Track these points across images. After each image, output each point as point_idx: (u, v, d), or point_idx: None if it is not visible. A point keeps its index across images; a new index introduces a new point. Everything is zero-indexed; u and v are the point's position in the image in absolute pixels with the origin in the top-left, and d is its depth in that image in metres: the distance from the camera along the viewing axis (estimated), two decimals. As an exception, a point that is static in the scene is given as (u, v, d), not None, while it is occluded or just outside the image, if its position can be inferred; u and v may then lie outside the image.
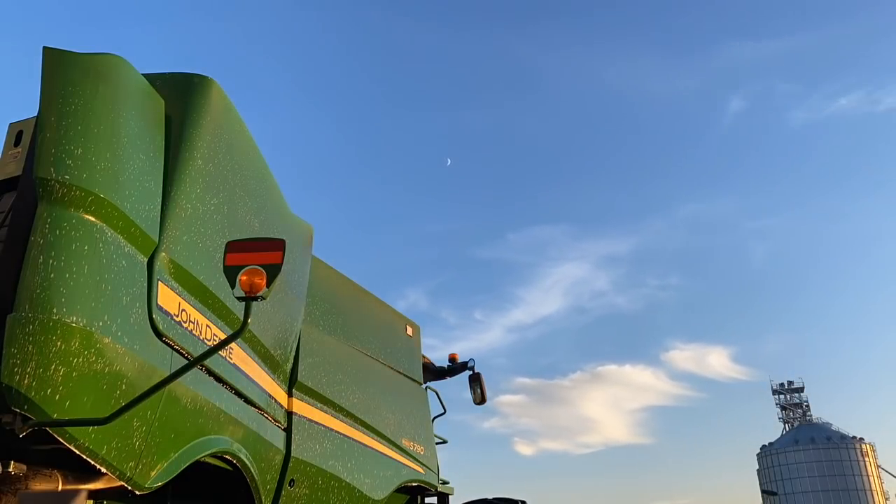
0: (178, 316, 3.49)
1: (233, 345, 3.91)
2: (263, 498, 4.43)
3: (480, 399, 8.74)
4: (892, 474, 63.96)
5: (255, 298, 2.84)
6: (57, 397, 2.72)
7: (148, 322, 3.26)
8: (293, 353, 5.02)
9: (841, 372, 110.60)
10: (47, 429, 2.76)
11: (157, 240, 3.42)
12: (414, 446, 6.76)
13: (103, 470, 3.05)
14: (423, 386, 7.58)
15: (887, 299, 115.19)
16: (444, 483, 7.57)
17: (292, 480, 4.80)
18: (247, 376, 4.17)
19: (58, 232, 2.90)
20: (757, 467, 68.72)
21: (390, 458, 6.28)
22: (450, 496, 7.72)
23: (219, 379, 3.83)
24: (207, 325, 3.76)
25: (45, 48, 3.18)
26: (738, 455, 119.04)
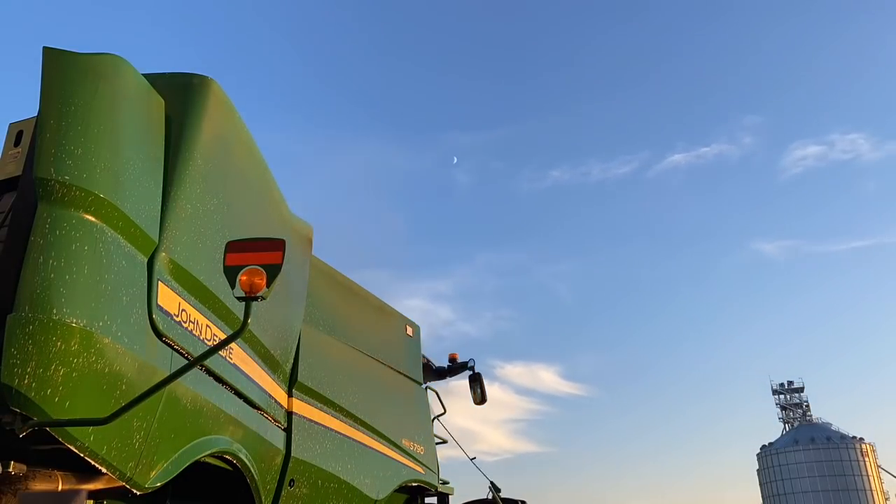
0: (178, 316, 3.49)
1: (233, 345, 3.91)
2: (263, 498, 4.43)
3: (480, 399, 8.73)
4: (892, 474, 64.03)
5: (255, 298, 2.83)
6: (57, 397, 2.72)
7: (148, 322, 3.26)
8: (293, 353, 5.01)
9: (841, 372, 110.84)
10: (47, 429, 2.76)
11: (157, 240, 3.42)
12: (414, 446, 6.76)
13: (103, 470, 3.05)
14: (423, 386, 7.58)
15: (887, 298, 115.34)
16: (444, 483, 7.57)
17: (292, 480, 4.80)
18: (247, 376, 4.17)
19: (58, 232, 2.90)
20: (757, 467, 68.74)
21: (390, 458, 6.28)
22: (450, 496, 7.72)
23: (219, 379, 3.83)
24: (207, 326, 3.76)
25: (44, 48, 3.18)
26: (737, 455, 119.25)
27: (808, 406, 70.06)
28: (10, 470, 2.94)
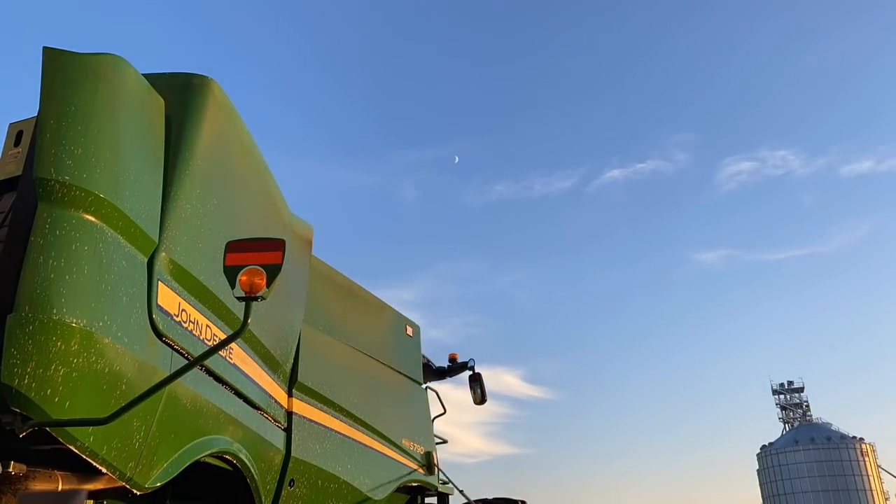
0: (178, 316, 3.49)
1: (233, 345, 3.91)
2: (263, 498, 4.43)
3: (480, 399, 8.74)
4: (892, 474, 64.03)
5: (255, 298, 2.83)
6: (57, 397, 2.72)
7: (148, 322, 3.26)
8: (293, 353, 5.01)
9: (841, 372, 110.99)
10: (47, 429, 2.76)
11: (157, 240, 3.41)
12: (414, 446, 6.76)
13: (103, 470, 3.05)
14: (423, 386, 7.58)
15: (887, 299, 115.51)
16: (444, 483, 7.57)
17: (292, 480, 4.80)
18: (247, 376, 4.17)
19: (58, 232, 2.89)
20: (757, 467, 68.75)
21: (390, 458, 6.28)
22: (450, 496, 7.72)
23: (219, 379, 3.83)
24: (207, 326, 3.76)
25: (44, 48, 3.18)
26: (737, 455, 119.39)
27: (808, 406, 70.09)
28: (10, 470, 2.93)
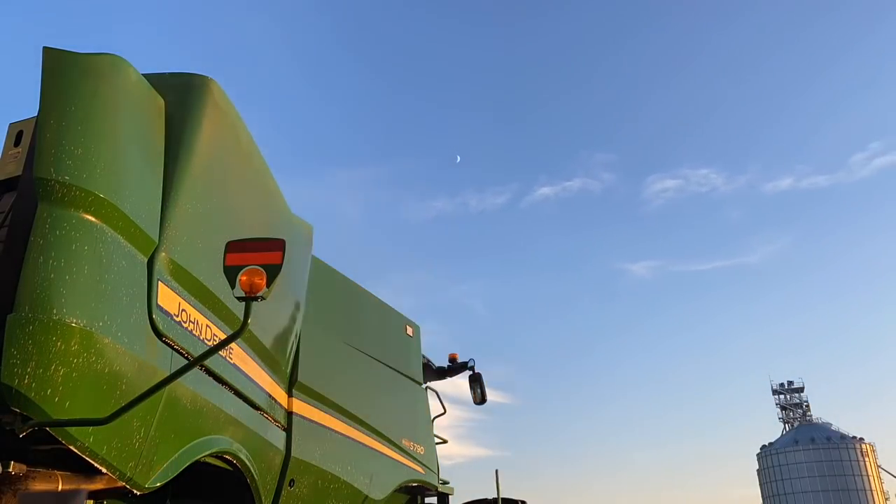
0: (178, 316, 3.49)
1: (233, 345, 3.91)
2: (263, 498, 4.43)
3: (481, 399, 8.74)
4: (892, 474, 64.02)
5: (255, 298, 2.83)
6: (57, 397, 2.72)
7: (148, 322, 3.26)
8: (293, 354, 5.01)
9: (841, 372, 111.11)
10: (47, 429, 2.76)
11: (157, 240, 3.41)
12: (414, 446, 6.76)
13: (103, 470, 3.05)
14: (423, 386, 7.58)
15: (886, 299, 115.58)
16: (444, 483, 7.57)
17: (292, 480, 4.80)
18: (247, 376, 4.17)
19: (58, 232, 2.89)
20: (757, 467, 68.74)
21: (390, 458, 6.28)
22: (450, 496, 7.72)
23: (219, 379, 3.83)
24: (207, 326, 3.76)
25: (45, 48, 3.18)
26: (738, 455, 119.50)
27: (808, 406, 70.08)
28: (11, 470, 2.93)
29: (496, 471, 7.81)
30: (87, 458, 2.93)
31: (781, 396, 71.45)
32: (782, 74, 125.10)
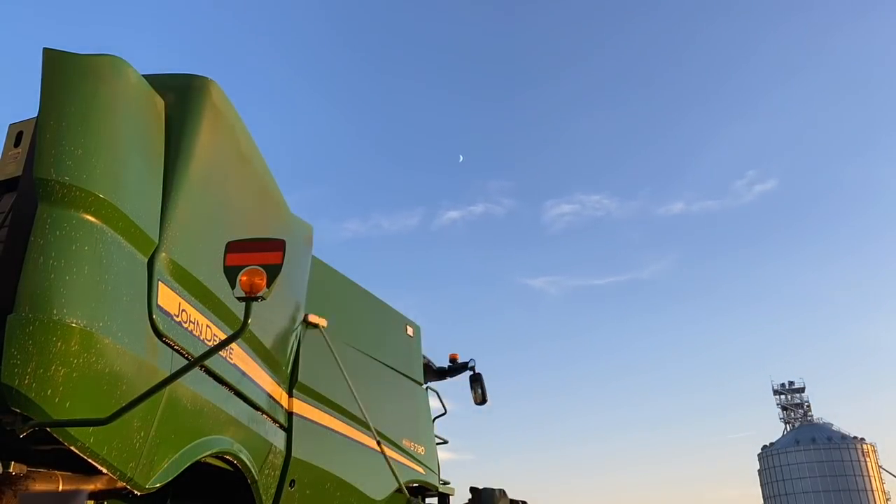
0: (178, 316, 3.49)
1: (233, 345, 3.91)
2: (264, 498, 4.43)
3: (481, 399, 8.74)
4: (892, 474, 63.97)
5: (256, 299, 2.83)
6: (57, 398, 2.72)
7: (148, 322, 3.26)
8: (293, 354, 5.02)
9: (841, 372, 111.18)
10: (48, 429, 2.76)
11: (157, 240, 3.41)
12: (414, 447, 6.76)
13: (104, 470, 3.05)
14: (424, 386, 7.58)
15: (887, 299, 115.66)
16: (445, 483, 7.57)
17: (293, 481, 4.80)
18: (247, 376, 4.17)
19: (58, 232, 2.89)
20: (758, 467, 68.71)
21: (391, 458, 6.27)
22: (450, 496, 7.72)
23: (219, 379, 3.83)
24: (208, 326, 3.76)
25: (44, 49, 3.18)
26: (739, 455, 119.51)
27: (809, 406, 70.07)
28: (11, 470, 2.94)
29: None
30: (88, 459, 2.93)
31: (782, 397, 71.44)
32: (654, 107, 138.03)
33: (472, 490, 7.73)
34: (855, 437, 64.09)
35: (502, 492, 7.75)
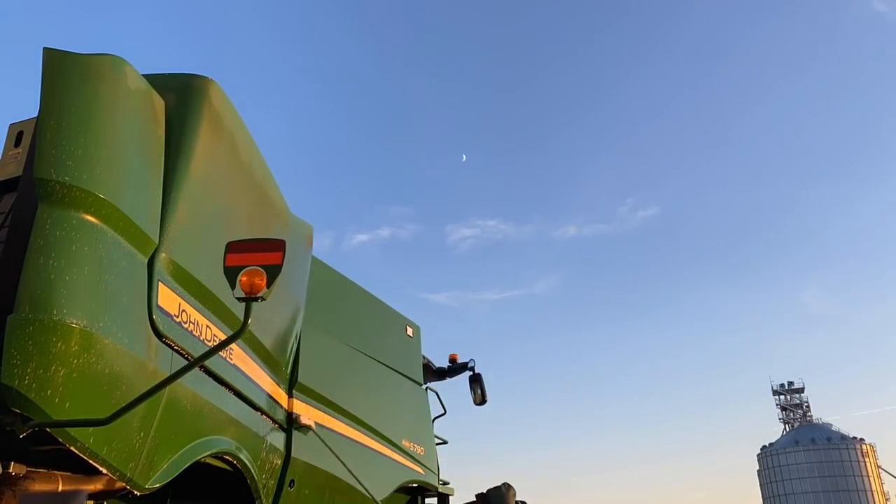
0: (178, 316, 3.49)
1: (233, 345, 3.91)
2: (264, 499, 4.43)
3: (481, 399, 8.74)
4: (892, 475, 63.96)
5: (256, 299, 2.83)
6: (57, 398, 2.72)
7: (148, 323, 3.26)
8: (293, 354, 5.01)
9: (841, 372, 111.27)
10: (47, 429, 2.76)
11: (157, 240, 3.41)
12: (414, 447, 6.76)
13: (103, 471, 3.05)
14: (424, 386, 7.58)
15: (886, 298, 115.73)
16: (445, 483, 7.57)
17: (293, 481, 4.80)
18: (247, 377, 4.16)
19: (58, 233, 2.89)
20: (757, 468, 68.70)
21: (390, 458, 6.28)
22: (450, 497, 7.72)
23: (219, 380, 3.83)
24: (208, 326, 3.76)
25: (45, 49, 3.17)
26: (738, 456, 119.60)
27: (808, 406, 70.05)
28: (11, 471, 2.93)
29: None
30: (88, 459, 2.93)
31: (782, 397, 71.44)
32: (530, 140, 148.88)
33: (479, 496, 7.72)
34: (854, 438, 64.10)
35: (507, 485, 7.70)
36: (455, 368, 8.70)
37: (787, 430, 69.33)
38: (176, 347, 3.44)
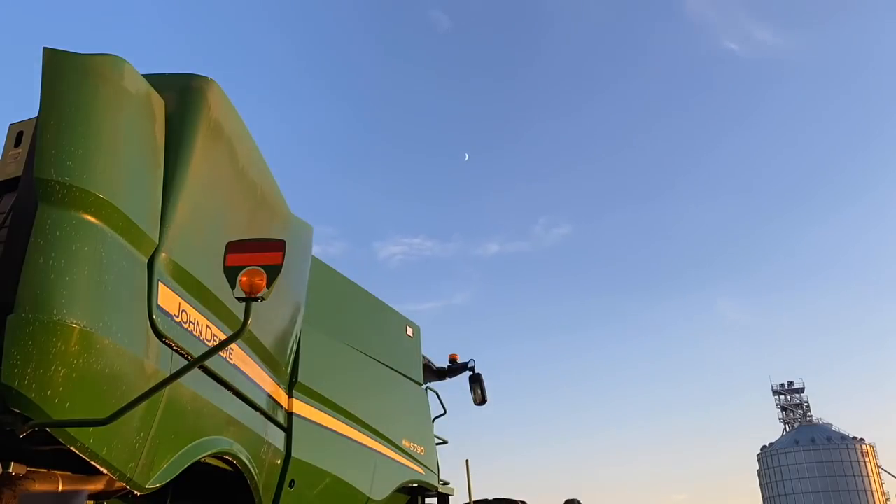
0: (178, 317, 3.49)
1: (233, 345, 3.91)
2: (264, 499, 4.43)
3: (481, 399, 8.74)
4: (892, 475, 64.00)
5: (256, 299, 2.83)
6: (57, 398, 2.72)
7: (148, 323, 3.26)
8: (293, 354, 5.01)
9: (841, 372, 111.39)
10: (47, 429, 2.76)
11: (157, 240, 3.41)
12: (414, 447, 6.76)
13: (103, 471, 3.05)
14: (424, 386, 7.58)
15: (886, 298, 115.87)
16: (445, 483, 7.57)
17: (292, 481, 4.80)
18: (247, 377, 4.17)
19: (58, 233, 2.89)
20: (757, 468, 68.73)
21: (390, 458, 6.28)
22: (450, 497, 7.72)
23: (219, 380, 3.83)
24: (208, 326, 3.76)
25: (45, 49, 3.17)
26: (738, 456, 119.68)
27: (808, 406, 70.06)
28: (11, 471, 2.94)
29: (466, 461, 7.77)
30: (87, 459, 2.93)
31: (781, 397, 71.46)
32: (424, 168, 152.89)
33: (484, 502, 7.74)
34: (854, 438, 64.11)
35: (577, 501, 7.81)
36: (455, 368, 8.71)
37: (787, 429, 69.36)
38: (176, 347, 3.44)
